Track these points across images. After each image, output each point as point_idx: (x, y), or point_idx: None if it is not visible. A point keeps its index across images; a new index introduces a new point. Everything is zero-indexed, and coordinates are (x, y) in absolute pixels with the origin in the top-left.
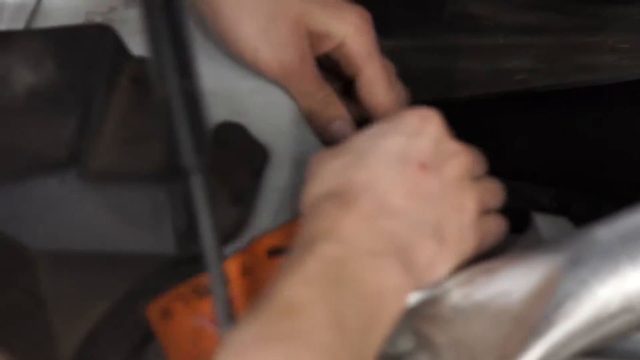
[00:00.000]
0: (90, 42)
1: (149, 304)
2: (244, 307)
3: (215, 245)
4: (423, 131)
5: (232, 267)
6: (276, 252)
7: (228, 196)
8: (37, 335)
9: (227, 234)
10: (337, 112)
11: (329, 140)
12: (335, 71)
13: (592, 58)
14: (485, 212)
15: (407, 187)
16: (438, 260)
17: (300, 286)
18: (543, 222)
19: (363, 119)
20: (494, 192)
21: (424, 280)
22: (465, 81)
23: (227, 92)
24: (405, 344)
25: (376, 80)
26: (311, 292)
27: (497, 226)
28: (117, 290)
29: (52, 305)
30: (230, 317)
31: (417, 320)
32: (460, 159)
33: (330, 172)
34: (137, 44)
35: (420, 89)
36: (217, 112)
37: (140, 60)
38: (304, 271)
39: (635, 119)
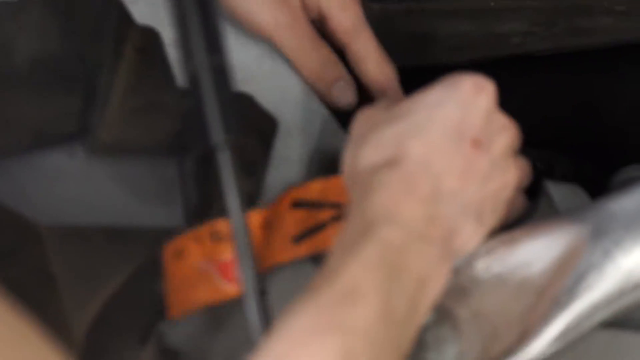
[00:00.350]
0: (95, 11)
1: (166, 244)
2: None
3: (244, 226)
4: (477, 101)
5: (254, 220)
6: (301, 205)
7: (239, 169)
8: (48, 313)
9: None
10: (337, 72)
11: (332, 105)
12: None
13: (588, 21)
14: (517, 190)
15: (461, 167)
16: (472, 240)
17: (358, 272)
18: (555, 190)
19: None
20: (526, 170)
21: (455, 258)
22: (457, 45)
23: (232, 61)
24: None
25: (366, 55)
26: (369, 280)
27: (521, 204)
28: (128, 266)
29: (62, 282)
30: (259, 301)
31: None
32: (508, 134)
33: (384, 139)
34: (137, 12)
35: (410, 54)
36: None
37: (144, 29)
38: (363, 256)
39: (629, 82)
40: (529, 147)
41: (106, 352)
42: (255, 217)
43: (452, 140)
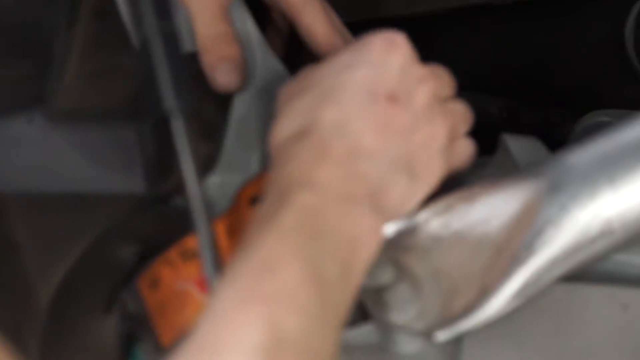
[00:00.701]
0: None
1: (140, 276)
2: None
3: (200, 192)
4: (389, 58)
5: (219, 229)
6: (259, 200)
7: (198, 132)
8: (12, 281)
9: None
10: (228, 52)
11: (212, 84)
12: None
13: None
14: (455, 136)
15: (378, 124)
16: (409, 195)
17: (276, 241)
18: (513, 143)
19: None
20: (464, 114)
21: (395, 217)
22: None
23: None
24: (385, 276)
25: (315, 28)
26: (288, 247)
27: (466, 150)
28: (90, 232)
29: (25, 250)
30: (216, 262)
31: (396, 251)
32: (428, 85)
33: (297, 110)
34: None
35: (366, 7)
36: (182, 42)
37: None
38: (280, 225)
39: (584, 27)
40: (495, 95)
41: (71, 320)
42: (220, 226)
43: (365, 100)
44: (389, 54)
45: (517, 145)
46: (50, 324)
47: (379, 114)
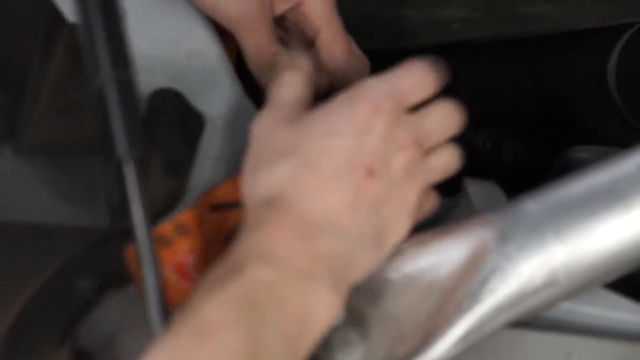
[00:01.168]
0: (24, 9)
1: (129, 247)
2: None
3: (147, 236)
4: (373, 126)
5: (188, 219)
6: (220, 208)
7: (162, 168)
8: None
9: (162, 207)
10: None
11: None
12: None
13: (527, 8)
14: (425, 192)
15: (353, 199)
16: (373, 264)
17: (218, 306)
18: (472, 187)
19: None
20: (444, 168)
21: (355, 282)
22: (402, 31)
23: (163, 57)
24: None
25: (335, 42)
26: (229, 315)
27: (431, 202)
28: (51, 264)
29: None
30: (162, 308)
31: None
32: (409, 152)
33: (275, 175)
34: (68, 10)
35: (357, 40)
36: (152, 77)
37: (74, 28)
38: (225, 293)
39: (567, 64)
40: (480, 127)
41: (25, 352)
42: (189, 216)
43: (343, 173)
44: (373, 120)
45: (476, 189)
46: (4, 356)
47: (354, 190)
